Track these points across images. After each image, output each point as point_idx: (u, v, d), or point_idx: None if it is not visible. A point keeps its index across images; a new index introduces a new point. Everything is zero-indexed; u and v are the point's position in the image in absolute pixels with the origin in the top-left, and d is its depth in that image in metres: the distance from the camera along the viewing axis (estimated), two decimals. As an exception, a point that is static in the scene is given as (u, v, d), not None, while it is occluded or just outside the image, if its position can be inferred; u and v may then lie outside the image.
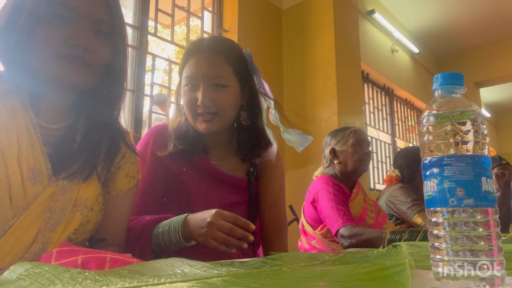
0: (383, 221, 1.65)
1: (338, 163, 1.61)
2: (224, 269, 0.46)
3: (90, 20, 0.70)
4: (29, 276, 0.34)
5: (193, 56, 0.94)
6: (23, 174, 0.64)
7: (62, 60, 0.67)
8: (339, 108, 2.85)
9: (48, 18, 0.67)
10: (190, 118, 0.95)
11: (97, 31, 0.71)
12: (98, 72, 0.72)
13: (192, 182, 0.95)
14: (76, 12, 0.68)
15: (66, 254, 0.45)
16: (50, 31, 0.66)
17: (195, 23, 4.74)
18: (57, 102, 0.74)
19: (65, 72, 0.67)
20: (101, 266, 0.44)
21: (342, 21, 3.10)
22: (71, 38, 0.67)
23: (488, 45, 5.42)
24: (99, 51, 0.71)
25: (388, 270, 0.41)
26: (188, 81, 0.93)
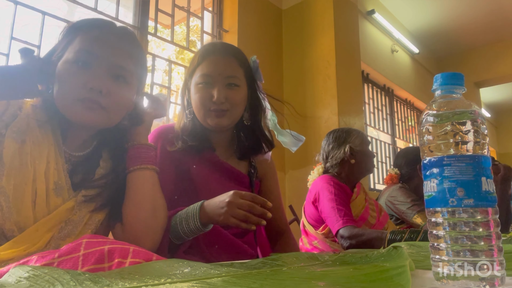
0: (384, 221, 1.64)
1: (354, 163, 1.58)
2: (224, 269, 0.46)
3: (110, 65, 0.76)
4: (29, 278, 0.34)
5: (210, 57, 1.00)
6: (49, 185, 0.72)
7: (79, 103, 0.73)
8: (339, 108, 2.85)
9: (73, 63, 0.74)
10: (202, 113, 0.99)
11: (116, 75, 0.77)
12: (115, 113, 0.78)
13: (201, 179, 0.98)
14: (97, 57, 0.75)
15: (94, 244, 0.49)
16: (72, 76, 0.74)
17: (195, 23, 4.74)
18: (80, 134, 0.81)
19: (81, 114, 0.74)
20: (125, 256, 0.47)
21: (342, 21, 3.10)
22: (88, 82, 0.73)
23: (488, 45, 5.41)
24: (115, 94, 0.77)
25: (388, 272, 0.41)
26: (203, 79, 0.98)
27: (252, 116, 1.06)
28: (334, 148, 1.62)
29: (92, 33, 0.77)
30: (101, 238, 0.51)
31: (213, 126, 0.99)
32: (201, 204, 0.84)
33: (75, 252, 0.47)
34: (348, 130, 1.66)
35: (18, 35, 1.80)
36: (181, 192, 0.97)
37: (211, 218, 0.82)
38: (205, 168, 1.00)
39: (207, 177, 0.99)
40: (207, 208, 0.83)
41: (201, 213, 0.83)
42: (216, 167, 1.01)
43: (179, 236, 0.85)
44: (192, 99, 1.01)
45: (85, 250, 0.47)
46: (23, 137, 0.72)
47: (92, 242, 0.49)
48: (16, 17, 1.82)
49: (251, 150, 1.07)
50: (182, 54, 5.98)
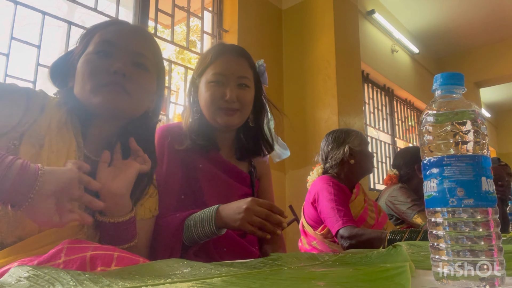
0: (383, 221, 1.64)
1: (353, 163, 1.59)
2: (224, 269, 0.46)
3: (131, 53, 0.76)
4: (29, 278, 0.34)
5: (223, 56, 1.01)
6: None
7: (103, 88, 0.73)
8: (339, 108, 2.85)
9: (94, 54, 0.74)
10: (211, 111, 0.99)
11: (137, 63, 0.77)
12: (138, 99, 0.77)
13: (206, 178, 0.99)
14: (117, 46, 0.76)
15: (76, 250, 0.46)
16: (94, 65, 0.73)
17: (195, 23, 4.74)
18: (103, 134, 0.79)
19: (106, 99, 0.73)
20: (108, 263, 0.45)
21: (342, 21, 3.10)
22: (111, 67, 0.73)
23: (488, 45, 5.41)
24: (137, 79, 0.76)
25: (388, 272, 0.41)
26: (216, 78, 0.99)
27: (256, 118, 1.08)
28: (333, 149, 1.62)
29: (109, 28, 0.78)
30: (84, 243, 0.48)
31: (222, 125, 1.00)
32: (217, 209, 0.84)
33: (55, 259, 0.44)
34: (347, 130, 1.66)
35: (18, 35, 1.80)
36: (187, 191, 0.97)
37: (227, 223, 0.82)
38: (211, 167, 1.01)
39: (213, 176, 1.00)
40: (222, 213, 0.83)
41: (216, 218, 0.83)
42: (221, 167, 1.02)
43: (192, 239, 0.85)
44: (202, 97, 1.01)
45: (66, 257, 0.45)
46: (42, 141, 0.69)
47: (74, 248, 0.46)
48: (16, 17, 1.82)
49: (251, 152, 1.08)
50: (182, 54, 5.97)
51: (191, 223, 0.85)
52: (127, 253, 0.49)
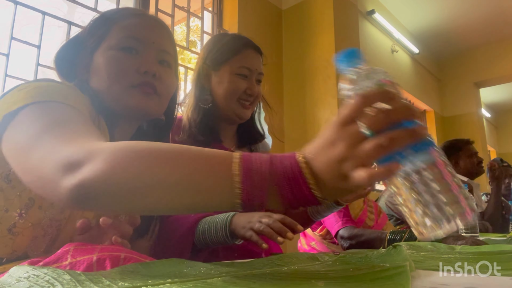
0: (383, 223, 1.64)
1: None
2: (224, 269, 0.46)
3: (156, 50, 0.74)
4: (29, 278, 0.34)
5: (248, 49, 1.04)
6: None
7: (135, 89, 0.70)
8: (339, 108, 2.85)
9: (119, 50, 0.71)
10: (230, 103, 1.00)
11: (161, 61, 0.75)
12: (164, 100, 0.76)
13: None
14: (144, 43, 0.73)
15: (82, 252, 0.45)
16: (122, 63, 0.70)
17: (195, 23, 4.73)
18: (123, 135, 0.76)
19: (138, 101, 0.70)
20: (116, 264, 0.44)
21: (342, 21, 3.10)
22: (141, 67, 0.70)
23: (488, 45, 5.41)
24: (165, 78, 0.75)
25: (388, 272, 0.41)
26: (243, 71, 1.01)
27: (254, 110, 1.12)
28: None
29: (129, 20, 0.74)
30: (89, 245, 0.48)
31: (237, 116, 1.02)
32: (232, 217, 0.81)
33: (61, 261, 0.44)
34: None
35: (18, 35, 1.80)
36: None
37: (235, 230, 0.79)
38: None
39: None
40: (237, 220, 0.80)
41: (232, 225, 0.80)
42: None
43: (205, 243, 0.83)
44: (221, 87, 1.00)
45: (73, 258, 0.44)
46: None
47: (80, 250, 0.45)
48: (16, 17, 1.82)
49: (247, 140, 1.12)
50: (182, 54, 5.97)
51: (205, 226, 0.83)
52: (134, 253, 0.48)
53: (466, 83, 5.60)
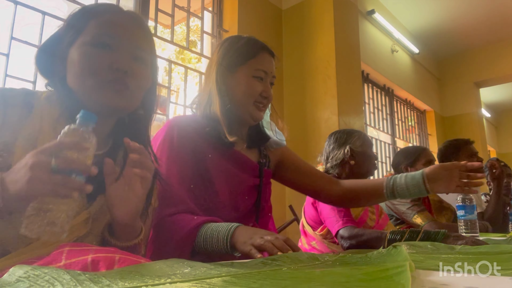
0: (384, 223, 1.64)
1: (354, 164, 1.58)
2: (224, 269, 0.46)
3: (130, 47, 0.74)
4: (29, 278, 0.34)
5: (264, 52, 1.04)
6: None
7: (107, 85, 0.71)
8: (339, 108, 2.85)
9: (93, 45, 0.72)
10: (247, 105, 1.01)
11: (135, 57, 0.75)
12: (136, 96, 0.76)
13: (217, 168, 1.00)
14: (118, 40, 0.73)
15: (76, 253, 0.45)
16: (95, 59, 0.71)
17: (195, 23, 4.73)
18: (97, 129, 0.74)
19: (109, 96, 0.71)
20: (110, 265, 0.44)
21: (342, 21, 3.10)
22: (114, 63, 0.71)
23: (488, 45, 5.41)
24: (138, 75, 0.75)
25: (388, 271, 0.41)
26: (260, 74, 1.02)
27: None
28: (334, 149, 1.62)
29: (106, 16, 0.75)
30: (84, 246, 0.47)
31: (253, 118, 1.03)
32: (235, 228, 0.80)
33: (55, 262, 0.44)
34: (349, 131, 1.66)
35: (18, 35, 1.80)
36: (198, 180, 0.97)
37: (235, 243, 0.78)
38: (221, 158, 1.01)
39: (223, 167, 1.00)
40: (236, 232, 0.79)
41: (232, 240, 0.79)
42: (232, 157, 1.03)
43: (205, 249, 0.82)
44: (239, 89, 1.01)
45: (67, 260, 0.44)
46: (35, 142, 0.66)
47: (75, 251, 0.45)
48: (16, 17, 1.82)
49: (258, 142, 1.13)
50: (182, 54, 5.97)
51: (207, 234, 0.82)
52: (129, 254, 0.48)
53: (466, 83, 5.60)
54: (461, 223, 1.39)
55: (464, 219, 1.38)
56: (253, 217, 1.06)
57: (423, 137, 5.35)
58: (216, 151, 1.01)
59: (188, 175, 0.95)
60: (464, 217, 1.38)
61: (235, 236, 0.79)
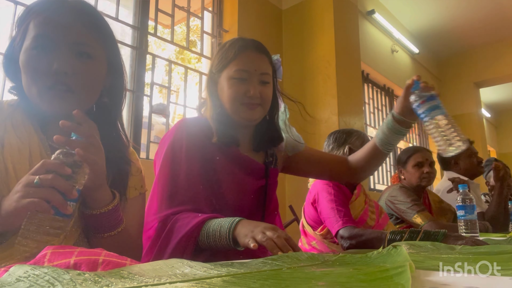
0: (384, 223, 1.64)
1: None
2: (224, 269, 0.46)
3: (69, 44, 0.71)
4: (29, 278, 0.34)
5: (245, 52, 1.02)
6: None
7: (48, 91, 0.69)
8: (339, 108, 2.85)
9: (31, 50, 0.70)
10: (235, 107, 1.01)
11: (79, 53, 0.72)
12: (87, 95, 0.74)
13: (224, 170, 1.00)
14: (54, 40, 0.70)
15: (59, 256, 0.45)
16: (34, 63, 0.69)
17: (195, 23, 4.73)
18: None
19: (52, 102, 0.70)
20: (93, 268, 0.44)
21: (342, 21, 3.10)
22: (51, 65, 0.69)
23: (488, 45, 5.41)
24: (82, 73, 0.72)
25: (388, 272, 0.41)
26: (240, 74, 1.00)
27: (271, 112, 1.11)
28: (333, 149, 1.62)
29: (43, 15, 0.71)
30: (68, 248, 0.47)
31: (245, 119, 1.01)
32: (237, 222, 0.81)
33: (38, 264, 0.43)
34: (349, 131, 1.66)
35: (18, 35, 1.80)
36: (205, 182, 0.98)
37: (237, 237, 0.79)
38: (228, 161, 1.02)
39: (230, 170, 1.01)
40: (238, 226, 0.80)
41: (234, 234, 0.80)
42: (239, 161, 1.04)
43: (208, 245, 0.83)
44: (224, 93, 1.02)
45: (49, 262, 0.44)
46: (2, 141, 0.67)
47: (57, 253, 0.45)
48: (16, 17, 1.81)
49: (266, 144, 1.11)
50: (182, 54, 5.97)
51: (210, 229, 0.83)
52: (113, 255, 0.47)
53: (466, 83, 5.60)
54: (461, 223, 1.39)
55: (464, 219, 1.38)
56: (259, 216, 1.07)
57: (423, 137, 5.35)
58: (223, 154, 1.02)
59: (196, 176, 0.96)
60: (464, 217, 1.38)
61: (237, 230, 0.79)
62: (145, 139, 2.34)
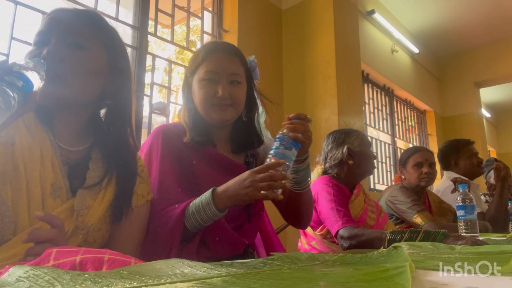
0: (384, 222, 1.64)
1: (352, 163, 1.58)
2: (224, 269, 0.46)
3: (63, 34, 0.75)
4: (29, 278, 0.34)
5: (214, 54, 1.04)
6: (45, 190, 0.69)
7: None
8: (339, 108, 2.85)
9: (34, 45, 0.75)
10: (206, 109, 1.03)
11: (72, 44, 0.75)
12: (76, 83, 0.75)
13: (202, 173, 1.02)
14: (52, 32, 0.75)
15: (65, 254, 0.45)
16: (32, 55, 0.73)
17: (195, 23, 4.73)
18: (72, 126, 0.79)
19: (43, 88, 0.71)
20: (99, 266, 0.44)
21: (342, 21, 3.10)
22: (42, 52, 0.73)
23: (488, 45, 5.41)
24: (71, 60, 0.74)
25: (388, 272, 0.41)
26: (208, 76, 1.02)
27: (248, 112, 1.11)
28: (332, 149, 1.62)
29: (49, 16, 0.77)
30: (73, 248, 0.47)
31: (216, 120, 1.03)
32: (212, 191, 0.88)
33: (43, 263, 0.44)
34: (348, 131, 1.66)
35: (18, 35, 1.80)
36: (184, 185, 0.99)
37: (234, 201, 0.86)
38: (205, 163, 1.03)
39: (208, 171, 1.02)
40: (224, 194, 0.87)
41: (216, 200, 0.87)
42: (216, 161, 1.04)
43: (198, 224, 0.89)
44: (196, 95, 1.04)
45: (55, 261, 0.44)
46: (12, 139, 0.69)
47: (63, 252, 0.45)
48: (16, 17, 1.82)
49: (244, 145, 1.12)
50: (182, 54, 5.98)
51: (193, 209, 0.89)
52: (118, 254, 0.48)
53: (466, 83, 5.60)
54: (461, 223, 1.39)
55: (464, 219, 1.38)
56: (244, 216, 1.07)
57: (423, 137, 5.35)
58: (201, 156, 1.03)
59: (174, 181, 0.98)
60: (464, 217, 1.38)
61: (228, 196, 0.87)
62: (145, 139, 2.34)
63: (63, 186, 0.72)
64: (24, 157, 0.69)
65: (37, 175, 0.69)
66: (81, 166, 0.77)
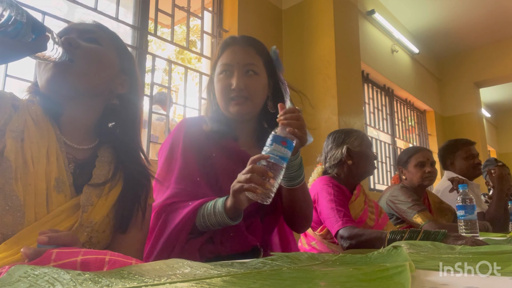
0: (384, 223, 1.64)
1: (351, 164, 1.57)
2: (224, 269, 0.46)
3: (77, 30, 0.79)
4: (29, 278, 0.34)
5: (229, 47, 1.05)
6: (49, 183, 0.70)
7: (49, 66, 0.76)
8: (339, 108, 2.85)
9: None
10: (223, 103, 1.03)
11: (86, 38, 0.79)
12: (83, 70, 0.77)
13: (222, 165, 1.02)
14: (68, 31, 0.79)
15: (66, 255, 0.45)
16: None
17: (195, 23, 4.73)
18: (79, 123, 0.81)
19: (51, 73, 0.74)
20: (100, 267, 0.44)
21: (342, 21, 3.10)
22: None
23: (488, 45, 5.41)
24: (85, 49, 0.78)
25: (388, 271, 0.41)
26: (224, 68, 1.03)
27: (275, 103, 1.07)
28: (332, 149, 1.62)
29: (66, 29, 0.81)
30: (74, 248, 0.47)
31: (234, 114, 1.02)
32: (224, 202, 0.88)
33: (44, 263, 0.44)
34: (348, 131, 1.66)
35: (18, 35, 1.80)
36: (203, 177, 1.00)
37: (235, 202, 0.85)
38: (225, 156, 1.03)
39: (227, 165, 1.02)
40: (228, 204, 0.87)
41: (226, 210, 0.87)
42: (235, 155, 1.04)
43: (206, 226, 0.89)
44: (216, 91, 1.06)
45: (56, 261, 0.44)
46: (22, 135, 0.70)
47: (64, 253, 0.45)
48: (16, 17, 1.81)
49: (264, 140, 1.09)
50: (182, 54, 5.97)
51: (204, 211, 0.89)
52: (119, 255, 0.48)
53: (466, 83, 5.60)
54: (461, 223, 1.39)
55: (464, 219, 1.38)
56: (258, 215, 1.06)
57: (423, 137, 5.35)
58: (221, 150, 1.03)
59: (194, 173, 0.99)
60: (464, 217, 1.38)
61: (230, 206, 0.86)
62: (145, 139, 2.34)
63: (66, 180, 0.72)
64: (32, 152, 0.70)
65: (43, 170, 0.70)
66: (87, 164, 0.78)
